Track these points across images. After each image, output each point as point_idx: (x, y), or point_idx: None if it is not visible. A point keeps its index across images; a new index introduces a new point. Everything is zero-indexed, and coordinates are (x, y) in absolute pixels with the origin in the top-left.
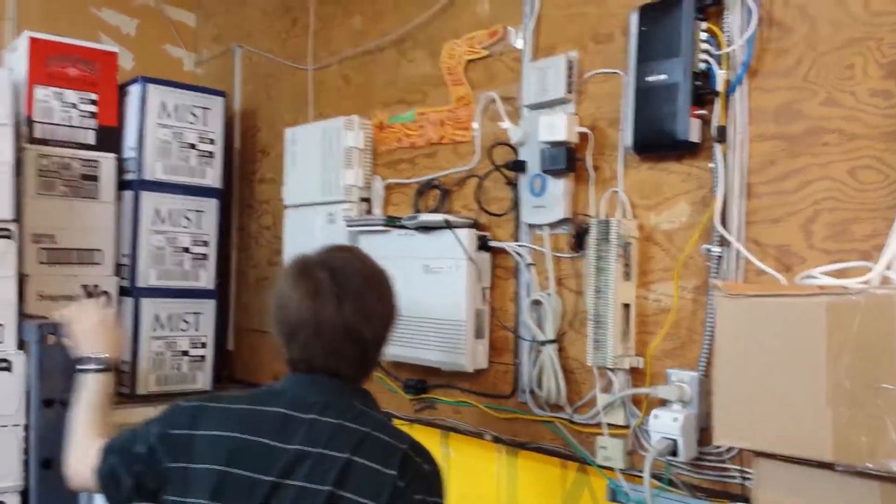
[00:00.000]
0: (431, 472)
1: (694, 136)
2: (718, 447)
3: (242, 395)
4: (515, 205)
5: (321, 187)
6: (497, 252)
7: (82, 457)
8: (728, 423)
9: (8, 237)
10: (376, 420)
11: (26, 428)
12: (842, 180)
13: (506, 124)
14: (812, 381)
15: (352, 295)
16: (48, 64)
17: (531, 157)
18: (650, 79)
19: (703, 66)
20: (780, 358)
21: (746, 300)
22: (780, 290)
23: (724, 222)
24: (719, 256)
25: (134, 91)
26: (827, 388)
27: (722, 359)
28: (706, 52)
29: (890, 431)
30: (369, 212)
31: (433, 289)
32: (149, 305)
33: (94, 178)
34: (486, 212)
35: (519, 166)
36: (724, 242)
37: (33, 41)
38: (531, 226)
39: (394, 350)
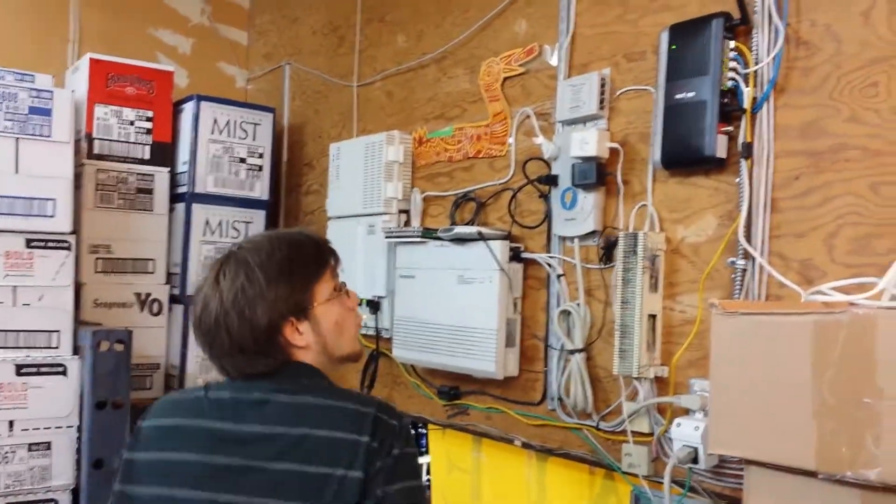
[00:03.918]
0: None
1: (721, 151)
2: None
3: None
4: (547, 217)
5: (363, 199)
6: (529, 263)
7: None
8: (722, 432)
9: (66, 248)
10: None
11: (79, 429)
12: (864, 196)
13: (539, 139)
14: (798, 396)
15: (231, 277)
16: (108, 83)
17: (563, 171)
18: (679, 96)
19: (730, 83)
20: (769, 372)
21: (739, 317)
22: (772, 308)
23: (748, 236)
24: (743, 269)
25: (188, 108)
26: (812, 402)
27: (717, 372)
28: (734, 70)
29: (868, 443)
30: (408, 223)
31: (466, 298)
32: None
33: (148, 192)
34: (519, 224)
35: (551, 180)
36: (747, 256)
37: (94, 62)
38: (562, 238)
39: (428, 357)
